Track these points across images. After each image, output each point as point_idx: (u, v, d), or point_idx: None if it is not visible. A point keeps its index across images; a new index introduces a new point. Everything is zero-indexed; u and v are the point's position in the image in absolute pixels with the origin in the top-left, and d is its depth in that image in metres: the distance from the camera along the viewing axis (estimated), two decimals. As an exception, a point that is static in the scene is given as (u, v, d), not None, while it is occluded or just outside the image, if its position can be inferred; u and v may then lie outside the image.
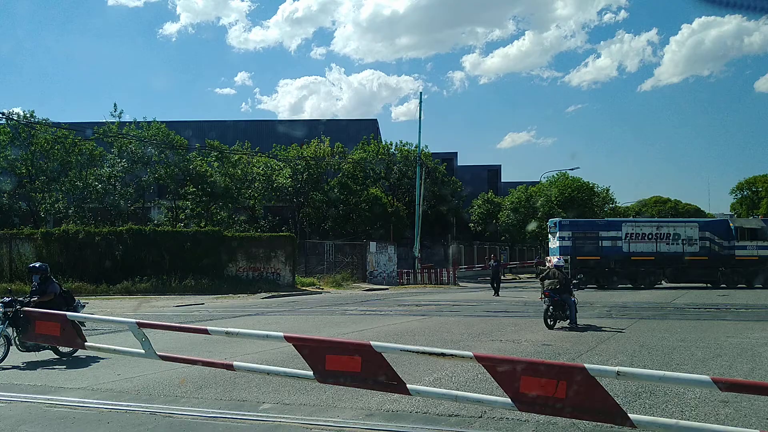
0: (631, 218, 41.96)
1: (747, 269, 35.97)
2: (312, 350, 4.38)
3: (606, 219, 39.86)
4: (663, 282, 36.82)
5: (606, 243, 36.22)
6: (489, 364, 3.92)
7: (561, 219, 38.79)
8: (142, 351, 5.10)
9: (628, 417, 3.65)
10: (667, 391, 7.72)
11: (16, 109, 46.29)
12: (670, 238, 36.46)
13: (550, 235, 37.99)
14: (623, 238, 36.08)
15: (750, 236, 36.58)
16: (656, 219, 41.24)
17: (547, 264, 17.53)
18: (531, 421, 6.21)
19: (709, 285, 35.42)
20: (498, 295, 28.60)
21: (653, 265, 35.49)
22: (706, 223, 38.04)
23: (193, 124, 60.65)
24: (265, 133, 57.39)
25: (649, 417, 3.90)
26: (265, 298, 27.81)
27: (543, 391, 3.73)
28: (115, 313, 20.36)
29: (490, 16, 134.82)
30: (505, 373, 3.84)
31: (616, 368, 3.62)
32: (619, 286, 35.12)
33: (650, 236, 36.53)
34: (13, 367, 9.91)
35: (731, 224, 37.16)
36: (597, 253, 35.80)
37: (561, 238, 36.53)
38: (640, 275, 35.44)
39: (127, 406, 7.16)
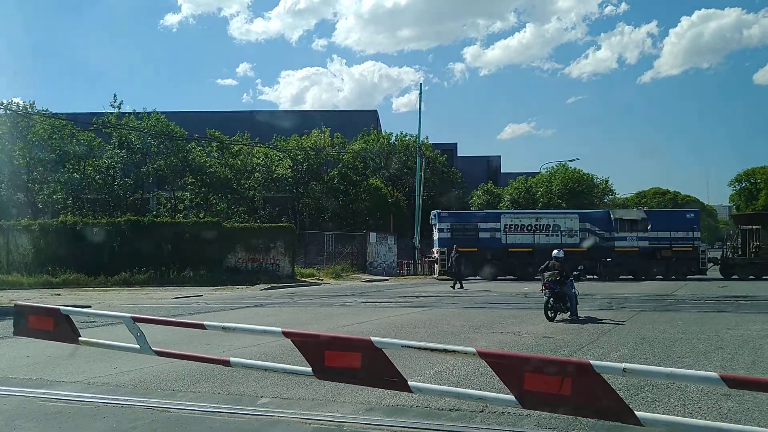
0: (510, 210, 41.93)
1: (628, 260, 36.08)
2: (311, 346, 4.28)
3: (485, 211, 39.73)
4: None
5: (484, 235, 36.52)
6: (492, 360, 3.82)
7: (440, 211, 38.82)
8: (137, 346, 5.00)
9: (635, 414, 3.56)
10: (669, 384, 7.64)
11: (16, 99, 46.18)
12: (550, 229, 36.72)
13: (433, 227, 38.11)
14: (502, 229, 36.35)
15: (630, 227, 36.67)
16: (537, 210, 41.04)
17: None
18: (533, 416, 6.13)
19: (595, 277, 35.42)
20: (461, 288, 27.34)
21: (530, 256, 35.05)
22: (587, 215, 38.06)
23: (193, 115, 60.49)
24: (266, 124, 57.16)
25: (656, 415, 3.81)
26: (265, 289, 27.75)
27: (547, 387, 3.64)
28: (113, 305, 20.29)
29: (492, 9, 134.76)
30: (509, 369, 3.74)
31: (623, 365, 3.52)
32: (499, 277, 35.12)
33: (529, 228, 36.77)
34: (8, 360, 9.85)
35: (612, 215, 37.35)
36: (475, 245, 35.89)
37: (440, 230, 36.92)
38: (517, 267, 35.41)
39: (124, 400, 7.07)
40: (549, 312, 14.78)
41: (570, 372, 3.59)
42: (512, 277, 35.25)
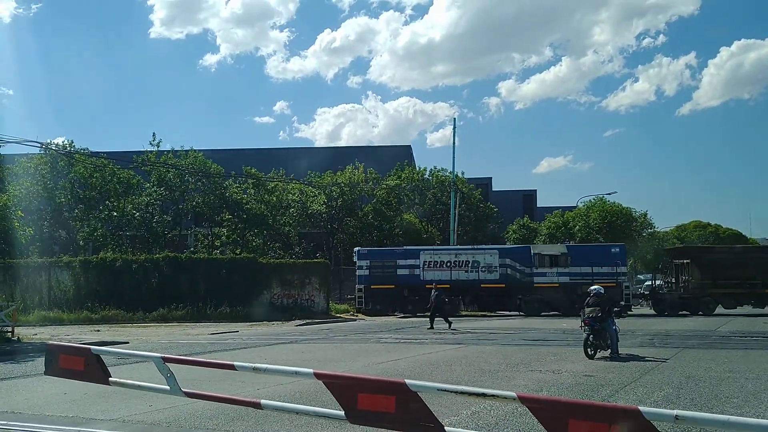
0: (430, 246, 41.27)
1: (547, 296, 35.31)
2: (343, 388, 4.14)
3: (405, 247, 38.93)
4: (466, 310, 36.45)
5: (403, 271, 36.12)
6: (534, 405, 3.64)
7: (360, 248, 38.56)
8: (167, 387, 4.92)
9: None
10: (718, 430, 7.27)
11: (57, 140, 47.46)
12: (469, 265, 36.17)
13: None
14: (421, 266, 35.81)
15: (550, 263, 35.85)
16: (457, 247, 40.22)
17: None
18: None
19: (521, 313, 35.07)
20: (450, 329, 24.67)
21: (448, 292, 34.00)
22: (507, 250, 37.51)
23: (230, 152, 61.49)
24: (301, 161, 57.77)
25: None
26: (299, 325, 27.66)
27: (593, 435, 3.44)
28: (150, 341, 20.39)
29: (527, 43, 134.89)
30: (552, 415, 3.56)
31: (675, 412, 3.31)
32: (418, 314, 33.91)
33: (448, 264, 36.23)
34: (45, 397, 9.88)
35: (531, 251, 36.73)
36: (392, 282, 35.65)
37: (359, 267, 36.57)
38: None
39: (157, 439, 7.01)
40: (589, 349, 14.37)
41: (617, 419, 3.39)
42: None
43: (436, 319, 25.53)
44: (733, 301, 34.30)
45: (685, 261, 36.74)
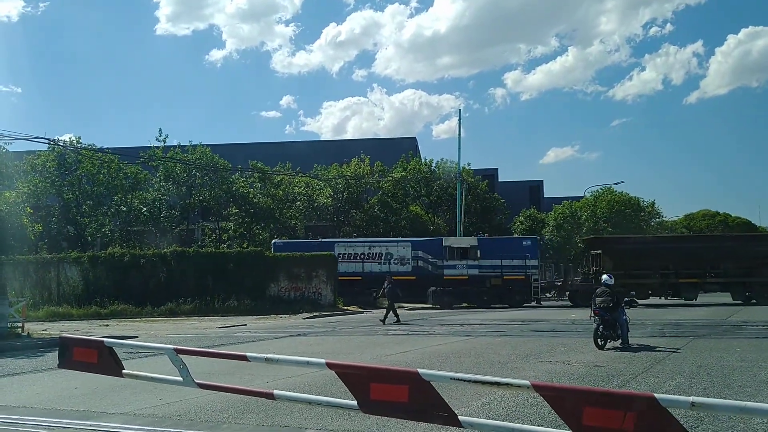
0: (345, 239, 41.27)
1: (458, 288, 35.42)
2: (356, 378, 4.12)
3: (320, 239, 38.96)
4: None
5: None
6: (549, 394, 3.61)
7: (276, 241, 38.58)
8: (180, 378, 4.91)
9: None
10: (731, 416, 7.25)
11: (64, 137, 47.63)
12: (382, 257, 36.38)
13: None
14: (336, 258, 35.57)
15: (460, 255, 36.00)
16: (371, 239, 40.19)
17: None
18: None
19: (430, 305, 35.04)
20: (394, 322, 23.56)
21: (361, 285, 34.86)
22: (420, 243, 37.42)
23: (237, 147, 61.55)
24: (306, 154, 57.77)
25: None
26: (307, 318, 27.68)
27: (608, 423, 3.41)
28: (159, 335, 20.46)
29: (533, 34, 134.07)
30: (567, 403, 3.53)
31: (691, 398, 3.28)
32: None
33: (361, 256, 36.43)
34: (57, 392, 9.92)
35: (443, 243, 36.72)
36: None
37: None
38: (347, 294, 34.82)
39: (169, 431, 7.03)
40: (599, 340, 14.32)
41: (633, 406, 3.36)
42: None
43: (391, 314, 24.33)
44: (645, 291, 32.91)
45: (597, 252, 36.49)
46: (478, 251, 35.95)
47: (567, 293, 37.28)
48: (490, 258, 35.56)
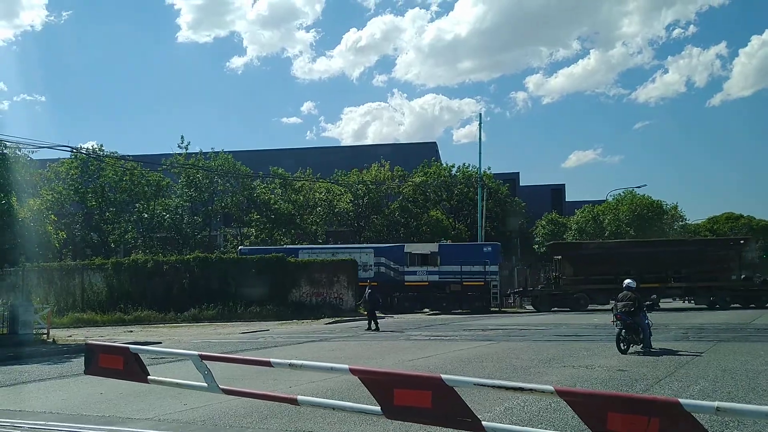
0: (309, 245, 40.98)
1: (418, 294, 35.63)
2: (379, 384, 4.15)
3: (285, 246, 38.78)
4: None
5: None
6: (572, 399, 3.61)
7: (242, 247, 38.55)
8: (205, 384, 4.98)
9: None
10: (756, 420, 7.16)
11: (87, 144, 48.28)
12: None
13: None
14: None
15: (421, 262, 36.04)
16: (336, 246, 39.78)
17: None
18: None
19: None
20: (372, 330, 23.09)
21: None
22: (383, 249, 37.55)
23: (258, 153, 61.95)
24: (327, 159, 58.00)
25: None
26: (329, 323, 27.78)
27: (632, 428, 3.40)
28: (183, 341, 20.63)
29: (555, 37, 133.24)
30: (590, 408, 3.53)
31: (716, 403, 3.26)
32: None
33: None
34: (82, 398, 10.05)
35: (405, 249, 36.75)
36: None
37: None
38: None
39: (193, 437, 7.09)
40: (621, 344, 14.21)
41: (657, 411, 3.35)
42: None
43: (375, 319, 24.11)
44: (605, 297, 31.92)
45: (558, 257, 36.20)
46: (439, 257, 36.25)
47: (529, 299, 37.40)
48: (450, 264, 35.88)
